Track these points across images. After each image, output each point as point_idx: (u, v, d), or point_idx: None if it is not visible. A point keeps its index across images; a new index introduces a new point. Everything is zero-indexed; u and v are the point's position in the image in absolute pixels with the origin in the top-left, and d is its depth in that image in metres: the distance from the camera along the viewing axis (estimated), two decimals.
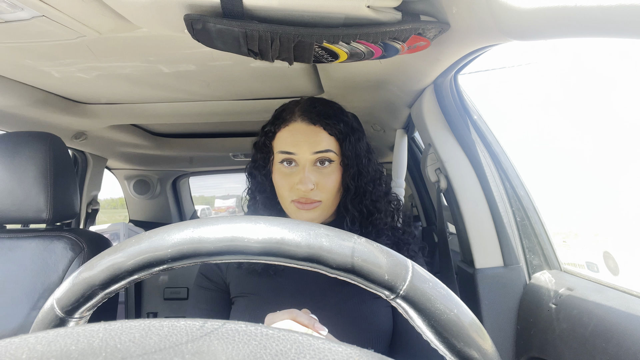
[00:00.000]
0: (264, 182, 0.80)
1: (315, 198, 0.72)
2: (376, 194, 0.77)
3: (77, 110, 1.30)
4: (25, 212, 0.99)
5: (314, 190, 0.72)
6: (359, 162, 0.75)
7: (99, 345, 0.21)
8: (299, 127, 0.74)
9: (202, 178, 2.89)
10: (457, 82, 0.96)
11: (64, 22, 0.67)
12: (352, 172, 0.74)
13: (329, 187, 0.73)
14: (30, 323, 0.94)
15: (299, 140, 0.73)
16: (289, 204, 0.74)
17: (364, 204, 0.76)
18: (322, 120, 0.74)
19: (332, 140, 0.74)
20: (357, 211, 0.76)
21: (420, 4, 0.61)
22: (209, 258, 0.32)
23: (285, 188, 0.74)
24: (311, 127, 0.74)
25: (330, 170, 0.74)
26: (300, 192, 0.71)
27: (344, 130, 0.74)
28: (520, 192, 0.95)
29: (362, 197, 0.76)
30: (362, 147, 0.76)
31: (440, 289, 0.32)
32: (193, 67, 0.97)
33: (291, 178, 0.73)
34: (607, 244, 4.58)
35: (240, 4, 0.55)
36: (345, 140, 0.74)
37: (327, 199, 0.74)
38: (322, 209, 0.74)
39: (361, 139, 0.77)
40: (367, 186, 0.75)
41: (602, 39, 0.42)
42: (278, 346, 0.22)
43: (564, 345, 0.70)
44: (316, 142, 0.73)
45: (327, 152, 0.73)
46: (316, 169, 0.73)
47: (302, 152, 0.72)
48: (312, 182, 0.71)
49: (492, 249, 0.92)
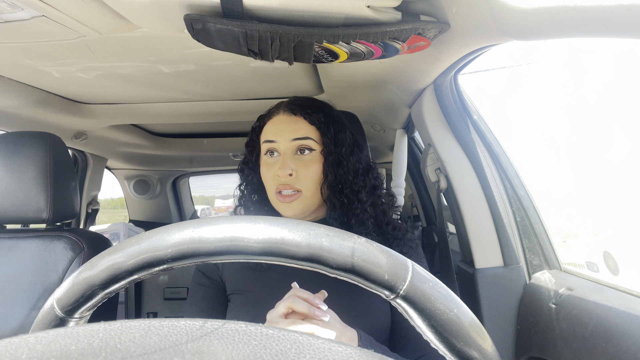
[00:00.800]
0: (252, 176, 0.83)
1: (295, 186, 0.74)
2: (358, 184, 0.78)
3: (77, 110, 1.30)
4: (25, 212, 0.99)
5: (294, 177, 0.74)
6: (339, 151, 0.77)
7: (99, 345, 0.21)
8: (280, 118, 0.78)
9: (202, 178, 2.89)
10: (457, 82, 0.96)
11: (64, 22, 0.67)
12: (331, 160, 0.76)
13: (309, 175, 0.75)
14: (30, 323, 0.94)
15: (280, 128, 0.77)
16: (273, 195, 0.76)
17: (344, 194, 0.77)
18: (302, 110, 0.77)
19: (312, 129, 0.77)
20: (338, 201, 0.77)
21: (420, 4, 0.61)
22: (208, 258, 0.32)
23: (268, 178, 0.77)
24: (292, 117, 0.77)
25: (310, 158, 0.76)
26: (281, 179, 0.74)
27: (323, 119, 0.77)
28: (520, 192, 0.94)
29: (342, 186, 0.77)
30: (344, 138, 0.78)
31: (440, 289, 0.32)
32: (193, 67, 0.97)
33: (273, 167, 0.76)
34: (607, 244, 4.58)
35: (240, 4, 0.55)
36: (326, 129, 0.77)
37: (307, 189, 0.75)
38: (302, 200, 0.75)
39: (344, 130, 0.79)
40: (347, 175, 0.77)
41: (602, 39, 0.42)
42: (278, 346, 0.22)
43: (564, 345, 0.70)
44: (295, 129, 0.76)
45: (306, 139, 0.76)
46: (296, 157, 0.76)
47: (282, 139, 0.75)
48: (290, 168, 0.73)
49: (492, 249, 0.92)
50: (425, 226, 2.03)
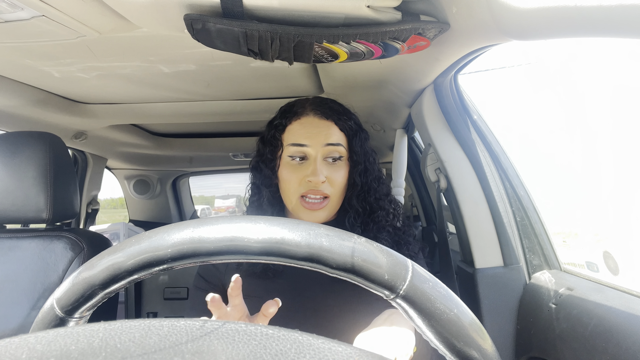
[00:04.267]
0: (271, 176, 0.79)
1: (325, 191, 0.73)
2: (380, 192, 0.79)
3: (77, 110, 1.30)
4: (25, 212, 0.99)
5: (325, 184, 0.73)
6: (367, 159, 0.77)
7: (99, 345, 0.21)
8: (311, 120, 0.76)
9: (202, 178, 2.89)
10: (457, 82, 0.96)
11: (64, 22, 0.67)
12: (360, 169, 0.76)
13: (338, 182, 0.74)
14: (30, 323, 0.94)
15: (312, 132, 0.74)
16: (296, 200, 0.74)
17: (367, 201, 0.77)
18: (334, 115, 0.76)
19: (342, 136, 0.76)
20: (361, 207, 0.77)
21: (420, 4, 0.61)
22: (208, 258, 0.32)
23: (293, 182, 0.74)
24: (323, 121, 0.76)
25: (339, 165, 0.75)
26: (311, 184, 0.72)
27: (354, 127, 0.77)
28: (520, 192, 0.95)
29: (367, 194, 0.77)
30: (368, 146, 0.79)
31: (440, 289, 0.32)
32: (193, 67, 0.97)
33: (301, 171, 0.73)
34: (607, 243, 4.58)
35: (240, 3, 0.55)
36: (355, 137, 0.76)
37: (334, 194, 0.74)
38: (329, 207, 0.75)
39: (367, 139, 0.80)
40: (373, 183, 0.77)
41: (602, 39, 0.42)
42: (278, 346, 0.22)
43: (564, 345, 0.70)
44: (328, 134, 0.74)
45: (338, 145, 0.75)
46: (326, 164, 0.75)
47: (314, 144, 0.73)
48: (323, 175, 0.72)
49: (492, 249, 0.92)
50: (425, 226, 2.03)
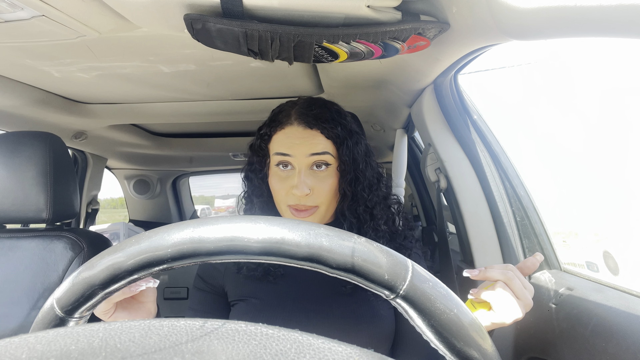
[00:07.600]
0: (261, 186, 0.78)
1: (310, 204, 0.71)
2: (372, 201, 0.75)
3: (77, 110, 1.30)
4: (25, 212, 0.99)
5: (310, 196, 0.70)
6: (356, 167, 0.73)
7: (99, 345, 0.21)
8: (295, 131, 0.72)
9: (202, 178, 2.89)
10: (457, 82, 0.96)
11: (64, 22, 0.67)
12: (349, 178, 0.73)
13: (325, 192, 0.71)
14: (30, 323, 0.94)
15: (295, 143, 0.71)
16: (286, 208, 0.73)
17: (358, 211, 0.74)
18: (319, 124, 0.72)
19: (329, 144, 0.72)
20: (354, 217, 0.75)
21: (420, 4, 0.61)
22: (208, 258, 0.32)
23: (281, 192, 0.72)
24: (307, 131, 0.72)
25: (326, 174, 0.72)
26: (296, 197, 0.70)
27: (341, 134, 0.72)
28: (520, 192, 0.94)
29: (357, 204, 0.74)
30: (360, 151, 0.75)
31: (440, 289, 0.32)
32: (193, 67, 0.97)
33: (287, 182, 0.71)
34: (607, 244, 4.58)
35: (240, 3, 0.55)
36: (342, 144, 0.72)
37: (323, 204, 0.72)
38: (318, 216, 0.73)
39: (359, 141, 0.75)
40: (363, 192, 0.74)
41: (602, 39, 0.42)
42: (278, 346, 0.22)
43: (564, 345, 0.70)
44: (313, 144, 0.71)
45: (324, 154, 0.71)
46: (312, 173, 0.71)
47: (298, 154, 0.70)
48: (307, 187, 0.69)
49: (492, 249, 0.92)
50: (425, 226, 2.03)
